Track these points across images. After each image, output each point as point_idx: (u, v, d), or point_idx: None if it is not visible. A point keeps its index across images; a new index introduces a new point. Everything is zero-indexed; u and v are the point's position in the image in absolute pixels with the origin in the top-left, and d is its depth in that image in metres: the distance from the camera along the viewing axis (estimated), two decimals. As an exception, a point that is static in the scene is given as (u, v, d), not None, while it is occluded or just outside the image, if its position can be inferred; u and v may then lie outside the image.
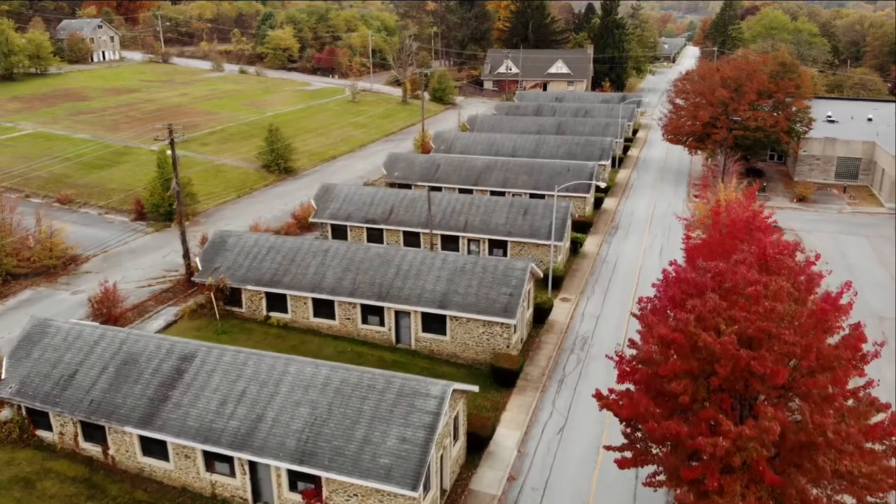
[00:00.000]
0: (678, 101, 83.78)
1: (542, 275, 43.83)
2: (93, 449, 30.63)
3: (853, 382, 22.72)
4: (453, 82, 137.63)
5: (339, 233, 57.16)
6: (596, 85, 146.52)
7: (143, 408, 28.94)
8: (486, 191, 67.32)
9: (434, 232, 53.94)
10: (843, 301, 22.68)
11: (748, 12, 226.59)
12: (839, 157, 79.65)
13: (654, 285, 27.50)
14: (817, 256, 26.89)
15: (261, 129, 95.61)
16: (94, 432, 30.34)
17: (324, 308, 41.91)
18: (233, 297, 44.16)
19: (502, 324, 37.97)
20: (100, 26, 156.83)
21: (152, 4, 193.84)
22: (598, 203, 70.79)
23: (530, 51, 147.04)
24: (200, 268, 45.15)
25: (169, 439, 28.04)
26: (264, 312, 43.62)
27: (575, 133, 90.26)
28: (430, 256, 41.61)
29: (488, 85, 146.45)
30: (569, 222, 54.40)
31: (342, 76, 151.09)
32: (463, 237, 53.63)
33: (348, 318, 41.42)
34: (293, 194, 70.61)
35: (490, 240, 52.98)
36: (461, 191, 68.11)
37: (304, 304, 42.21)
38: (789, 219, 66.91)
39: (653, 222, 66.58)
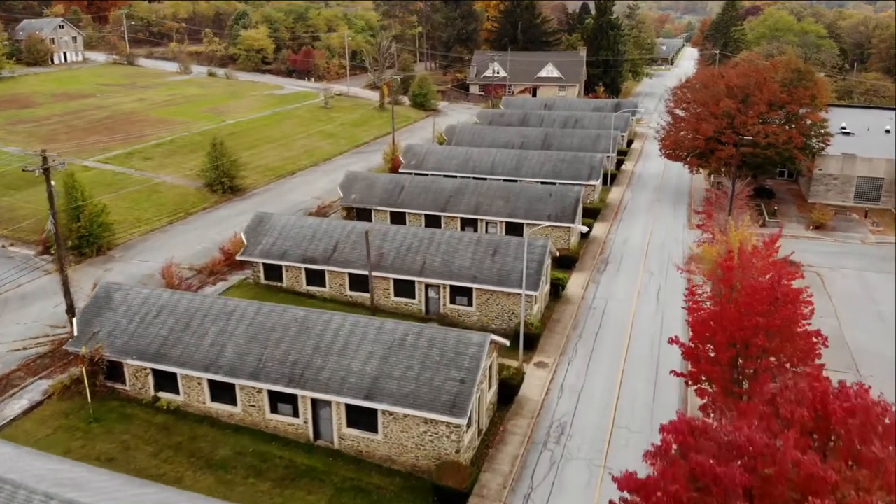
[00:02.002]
0: (678, 111, 74.43)
1: (507, 343, 34.42)
2: None
3: None
4: (436, 86, 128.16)
5: (273, 273, 47.70)
6: (589, 90, 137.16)
7: None
8: (456, 218, 57.99)
9: (385, 276, 44.51)
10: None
11: (749, 13, 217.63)
12: (859, 177, 70.41)
13: (647, 456, 17.19)
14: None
15: (219, 138, 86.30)
16: None
17: (224, 390, 32.45)
18: (114, 370, 34.68)
19: (449, 423, 28.56)
20: (61, 26, 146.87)
21: (124, 3, 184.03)
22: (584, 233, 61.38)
23: (519, 53, 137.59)
24: (76, 331, 35.67)
25: None
26: (151, 392, 34.14)
27: (562, 147, 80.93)
28: (362, 324, 32.15)
29: (474, 89, 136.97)
30: (548, 263, 45.05)
31: (319, 79, 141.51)
32: (419, 282, 44.20)
33: (253, 406, 31.96)
34: (234, 220, 61.07)
35: (452, 286, 43.56)
36: (427, 217, 58.80)
37: (199, 384, 32.75)
38: (806, 251, 57.61)
39: (648, 256, 57.22)
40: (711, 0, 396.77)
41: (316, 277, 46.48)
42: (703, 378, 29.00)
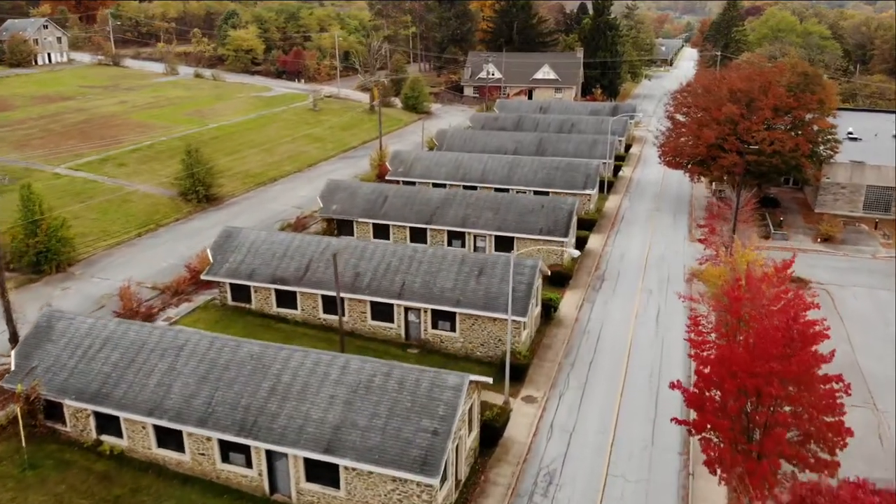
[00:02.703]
0: (678, 116, 70.96)
1: (490, 381, 30.94)
2: None
3: None
4: (428, 88, 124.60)
5: (242, 294, 44.16)
6: (586, 91, 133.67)
7: None
8: (443, 231, 54.51)
9: (361, 298, 41.00)
10: None
11: (749, 13, 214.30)
12: (868, 186, 66.95)
13: None
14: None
15: (194, 145, 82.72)
16: None
17: (171, 435, 28.91)
18: (54, 409, 31.15)
19: (420, 483, 25.05)
20: (45, 26, 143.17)
21: (112, 2, 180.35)
22: (580, 243, 57.97)
23: (514, 54, 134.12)
24: (13, 365, 32.14)
25: None
26: (93, 435, 30.60)
27: (557, 152, 77.50)
28: (325, 363, 28.64)
29: (469, 91, 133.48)
30: (538, 284, 41.57)
31: (309, 81, 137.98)
32: (398, 305, 40.69)
33: (203, 454, 28.43)
34: (207, 232, 57.47)
35: (434, 310, 40.04)
36: (412, 230, 55.33)
37: (144, 428, 29.22)
38: (813, 266, 54.28)
39: (647, 271, 53.73)
40: (711, 0, 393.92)
41: (287, 299, 42.96)
42: (709, 427, 25.57)
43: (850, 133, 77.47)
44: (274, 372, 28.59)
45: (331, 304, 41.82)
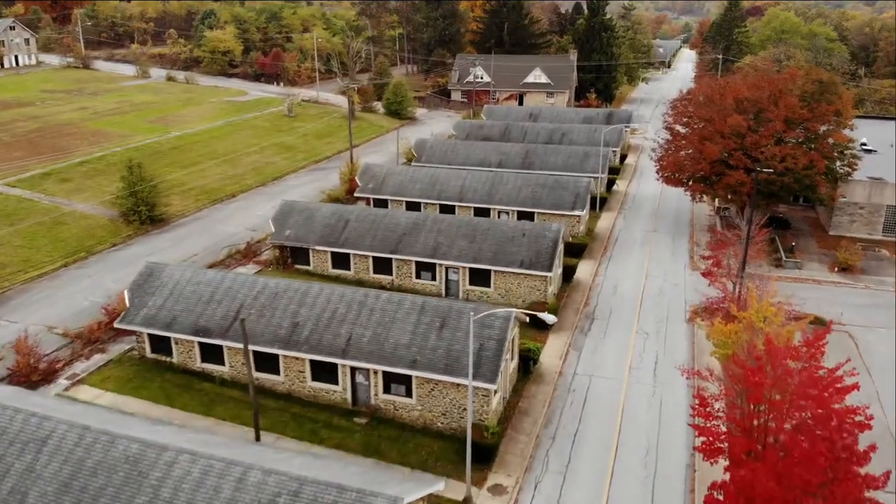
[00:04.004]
0: (678, 127, 64.21)
1: (442, 486, 24.04)
2: None
3: None
4: (412, 92, 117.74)
5: (162, 346, 37.26)
6: (580, 96, 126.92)
7: None
8: (410, 261, 47.72)
9: (298, 356, 34.14)
10: None
11: (750, 13, 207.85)
12: (888, 206, 60.29)
13: None
14: None
15: (150, 156, 75.96)
16: None
17: (17, 566, 22.02)
18: None
19: None
20: (12, 27, 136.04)
21: (88, 2, 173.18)
22: (568, 272, 51.22)
23: (504, 56, 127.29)
24: None
25: None
26: (-74, 558, 23.70)
27: (545, 166, 70.76)
28: (216, 472, 21.75)
29: (456, 96, 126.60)
30: (513, 335, 34.81)
31: (289, 84, 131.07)
32: (343, 366, 33.83)
33: None
34: (143, 261, 50.51)
35: (385, 372, 33.18)
36: (376, 260, 48.57)
37: (-17, 556, 22.32)
38: (832, 303, 47.58)
39: (643, 308, 46.97)
40: (709, 0, 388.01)
41: (213, 352, 36.11)
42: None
43: (864, 144, 70.66)
44: (151, 483, 21.71)
45: (264, 361, 34.96)
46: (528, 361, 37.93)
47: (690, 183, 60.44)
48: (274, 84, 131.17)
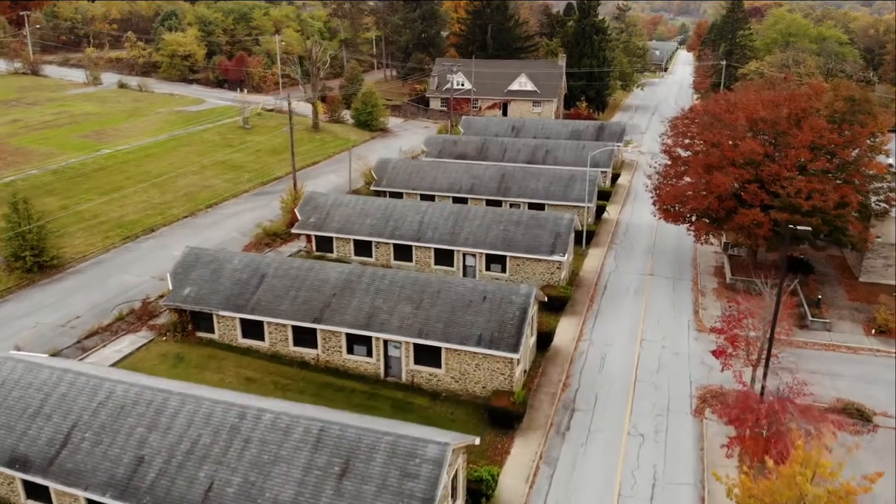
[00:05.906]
0: (678, 150, 53.93)
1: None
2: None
3: None
4: (385, 101, 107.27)
5: (-32, 479, 26.81)
6: (570, 104, 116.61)
7: None
8: (340, 333, 37.33)
9: (142, 506, 23.63)
10: None
11: (750, 14, 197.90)
12: (931, 247, 50.19)
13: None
14: None
15: (70, 180, 65.62)
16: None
17: None
18: None
19: None
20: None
21: (48, 3, 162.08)
22: (543, 338, 40.93)
23: (487, 62, 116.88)
24: None
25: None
26: None
27: (523, 193, 60.64)
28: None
29: (435, 104, 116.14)
30: (447, 479, 24.48)
31: (254, 90, 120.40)
32: (204, 522, 23.38)
33: None
34: (15, 324, 40.18)
35: (262, 533, 22.75)
36: (297, 330, 38.19)
37: None
38: (872, 381, 37.64)
39: (637, 393, 36.69)
40: (706, 0, 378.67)
41: (38, 493, 25.67)
42: None
43: (891, 165, 60.37)
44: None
45: (98, 511, 24.52)
46: (479, 496, 27.55)
47: (694, 219, 50.19)
48: (238, 91, 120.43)
